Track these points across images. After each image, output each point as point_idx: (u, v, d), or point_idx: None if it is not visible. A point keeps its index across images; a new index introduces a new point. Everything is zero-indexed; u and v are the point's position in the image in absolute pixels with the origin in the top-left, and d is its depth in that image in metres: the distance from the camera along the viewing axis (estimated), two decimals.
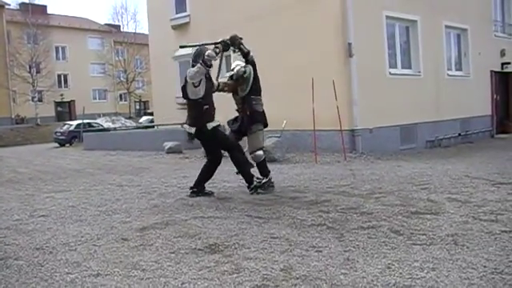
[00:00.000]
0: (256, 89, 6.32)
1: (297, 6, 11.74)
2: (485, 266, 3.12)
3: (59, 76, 45.95)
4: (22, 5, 43.94)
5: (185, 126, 6.31)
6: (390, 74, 12.10)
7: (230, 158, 6.24)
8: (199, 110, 5.91)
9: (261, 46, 12.07)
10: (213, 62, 5.84)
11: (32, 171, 11.49)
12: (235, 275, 3.17)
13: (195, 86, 5.80)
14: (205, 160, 6.70)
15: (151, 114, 32.05)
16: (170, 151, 13.99)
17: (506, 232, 3.88)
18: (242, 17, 13.78)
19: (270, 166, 6.55)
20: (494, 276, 2.96)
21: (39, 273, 3.41)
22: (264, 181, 6.19)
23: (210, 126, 5.95)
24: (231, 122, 6.66)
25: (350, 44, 10.99)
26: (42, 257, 3.79)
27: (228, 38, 6.13)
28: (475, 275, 2.97)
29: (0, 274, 3.43)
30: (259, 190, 6.11)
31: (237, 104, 6.49)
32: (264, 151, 6.56)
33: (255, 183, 6.12)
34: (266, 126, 6.42)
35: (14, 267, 3.56)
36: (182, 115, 16.39)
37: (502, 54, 15.93)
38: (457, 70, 14.62)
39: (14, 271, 3.47)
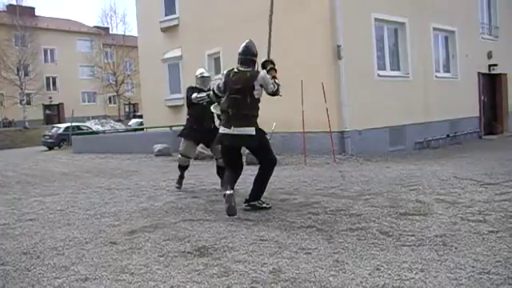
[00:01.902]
0: None
1: (286, 9, 11.75)
2: (473, 267, 3.14)
3: (48, 79, 45.65)
4: (9, 6, 43.46)
5: (241, 129, 5.18)
6: (379, 75, 12.16)
7: (261, 165, 5.44)
8: (258, 110, 5.41)
9: None
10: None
11: (20, 175, 11.38)
12: (224, 278, 3.16)
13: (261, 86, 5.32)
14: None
15: (141, 116, 31.93)
16: (160, 154, 13.95)
17: (493, 232, 3.92)
18: (232, 19, 13.80)
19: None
20: (482, 276, 2.98)
21: (26, 278, 3.37)
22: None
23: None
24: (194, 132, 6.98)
25: (339, 46, 11.02)
26: (29, 261, 3.75)
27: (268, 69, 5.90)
28: (463, 275, 2.99)
29: None
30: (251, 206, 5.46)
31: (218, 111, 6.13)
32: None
33: (257, 204, 5.34)
34: None
35: (1, 272, 3.51)
36: (171, 117, 16.41)
37: (489, 56, 16.08)
38: (445, 71, 14.73)
39: (0, 276, 3.43)
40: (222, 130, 5.31)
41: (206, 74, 7.17)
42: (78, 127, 27.40)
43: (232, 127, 5.17)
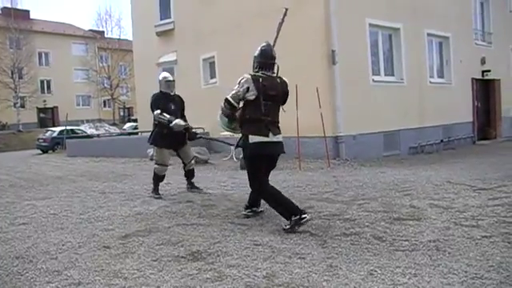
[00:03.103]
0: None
1: (279, 14, 11.78)
2: (465, 272, 3.15)
3: (42, 82, 45.51)
4: (3, 9, 43.36)
5: (278, 136, 4.91)
6: (374, 81, 12.20)
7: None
8: None
9: (244, 52, 12.05)
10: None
11: (13, 178, 11.32)
12: (218, 283, 3.16)
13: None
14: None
15: (135, 120, 31.85)
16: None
17: (486, 237, 3.93)
18: (226, 23, 13.84)
19: None
20: (475, 281, 2.99)
21: (18, 282, 3.35)
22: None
23: None
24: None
25: (333, 51, 11.06)
26: (21, 266, 3.73)
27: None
28: (456, 280, 3.00)
29: None
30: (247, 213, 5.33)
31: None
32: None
33: (257, 210, 5.32)
34: None
35: None
36: None
37: (483, 61, 16.18)
38: (439, 77, 14.80)
39: None
40: (256, 138, 4.76)
41: (170, 78, 7.25)
42: (73, 131, 27.33)
43: (271, 134, 4.79)
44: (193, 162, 7.34)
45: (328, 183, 7.54)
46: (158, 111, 6.82)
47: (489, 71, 16.22)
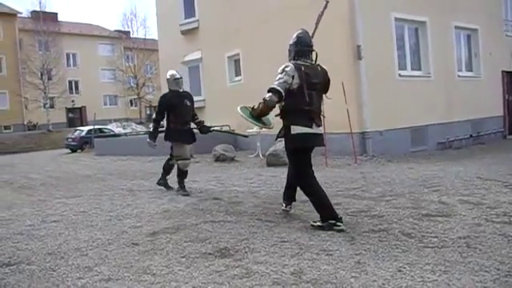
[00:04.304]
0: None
1: (305, 9, 11.72)
2: (498, 269, 3.08)
3: (70, 82, 46.43)
4: (33, 13, 44.44)
5: (321, 128, 4.87)
6: (400, 75, 12.03)
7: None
8: None
9: (270, 49, 12.05)
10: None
11: (44, 177, 11.57)
12: (245, 279, 3.17)
13: None
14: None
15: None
16: None
17: None
18: (250, 21, 13.84)
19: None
20: (508, 279, 2.92)
21: (51, 278, 3.43)
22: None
23: None
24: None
25: (359, 46, 10.95)
26: (53, 262, 3.81)
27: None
28: (488, 278, 2.94)
29: (13, 278, 3.46)
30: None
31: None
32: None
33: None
34: None
35: (27, 272, 3.59)
36: None
37: None
38: (467, 70, 14.48)
39: (27, 276, 3.50)
40: (299, 129, 4.55)
41: (178, 76, 7.38)
42: (100, 130, 27.75)
43: (314, 126, 4.64)
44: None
45: (355, 179, 7.48)
46: (154, 116, 7.57)
47: None
